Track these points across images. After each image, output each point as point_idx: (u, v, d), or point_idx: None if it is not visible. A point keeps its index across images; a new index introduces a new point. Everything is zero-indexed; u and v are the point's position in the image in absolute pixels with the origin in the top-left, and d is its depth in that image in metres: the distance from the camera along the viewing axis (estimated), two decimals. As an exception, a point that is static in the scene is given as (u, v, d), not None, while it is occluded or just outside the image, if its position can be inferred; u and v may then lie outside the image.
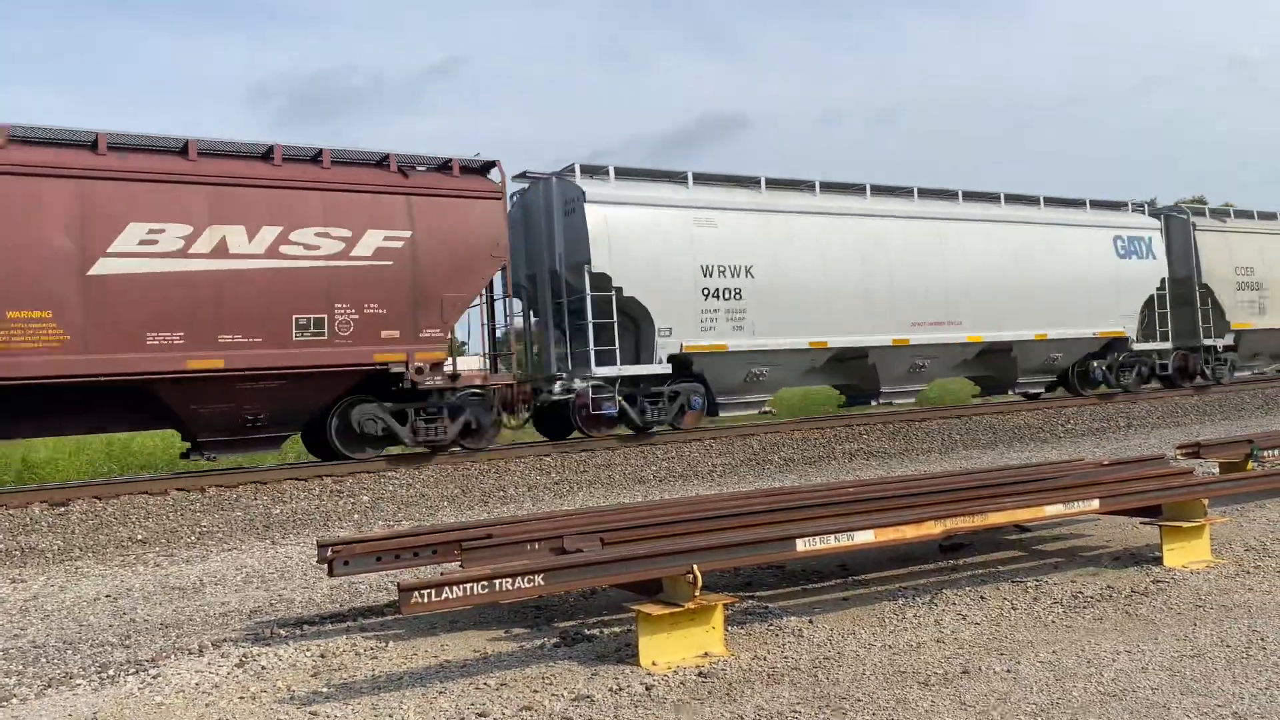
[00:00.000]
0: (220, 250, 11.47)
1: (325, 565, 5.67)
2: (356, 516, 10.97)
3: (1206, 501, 6.41)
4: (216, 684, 4.73)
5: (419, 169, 13.11)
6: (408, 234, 12.60)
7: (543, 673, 4.60)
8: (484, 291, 13.58)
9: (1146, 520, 6.49)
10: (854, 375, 17.07)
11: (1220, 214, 22.90)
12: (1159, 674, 4.21)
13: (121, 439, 17.59)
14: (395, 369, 12.45)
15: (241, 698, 4.50)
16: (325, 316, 12.07)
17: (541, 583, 4.60)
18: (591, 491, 12.21)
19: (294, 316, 11.88)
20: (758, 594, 6.01)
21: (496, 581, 4.49)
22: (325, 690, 4.52)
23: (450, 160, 13.18)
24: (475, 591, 4.44)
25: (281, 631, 5.75)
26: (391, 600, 6.18)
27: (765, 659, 4.67)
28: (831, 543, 5.21)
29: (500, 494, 12.07)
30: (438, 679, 4.60)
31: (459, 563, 5.70)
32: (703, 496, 9.25)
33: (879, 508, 6.14)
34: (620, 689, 4.31)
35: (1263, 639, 4.61)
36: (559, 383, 14.32)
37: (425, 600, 4.34)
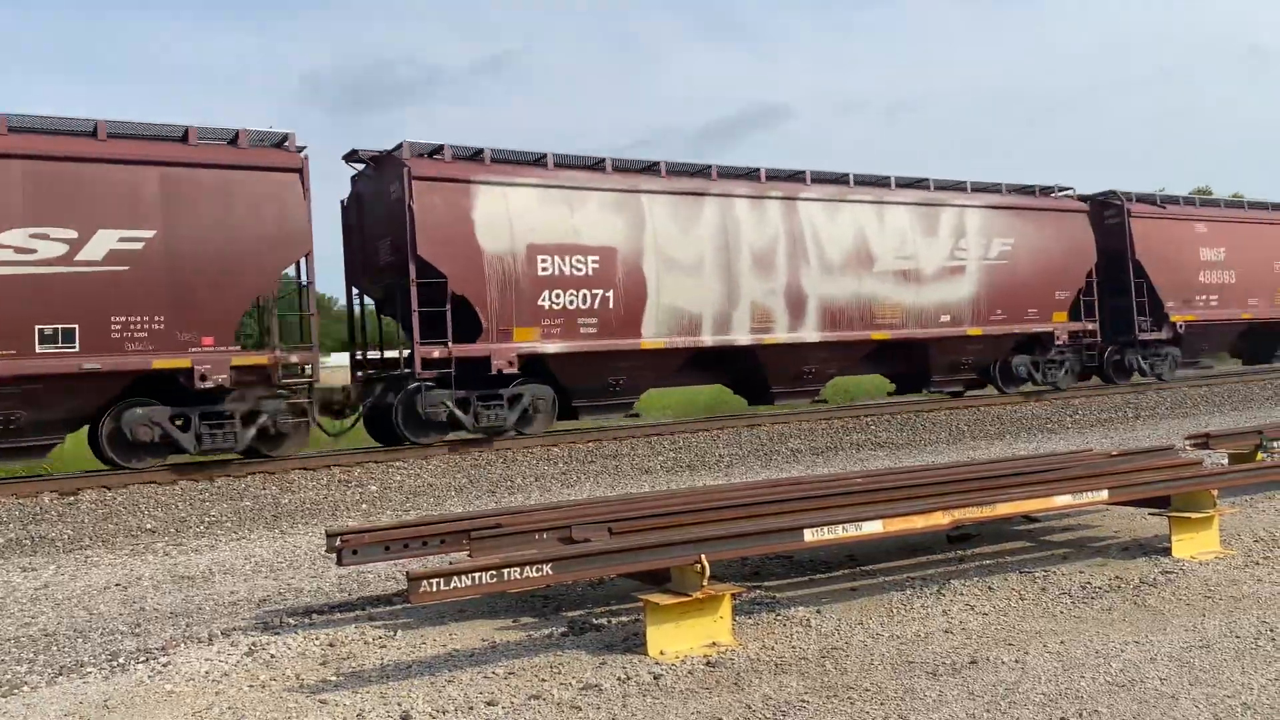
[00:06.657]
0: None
1: (334, 555, 5.70)
2: (365, 506, 11.00)
3: (1215, 492, 6.39)
4: (226, 672, 4.75)
5: None
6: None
7: (551, 661, 4.62)
8: None
9: (1155, 511, 6.47)
10: None
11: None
12: (1167, 665, 4.20)
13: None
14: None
15: (251, 686, 4.52)
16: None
17: (550, 572, 4.61)
18: (599, 481, 12.22)
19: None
20: (765, 584, 6.02)
21: (505, 571, 4.50)
22: (334, 679, 4.53)
23: None
24: (484, 581, 4.45)
25: (290, 620, 5.77)
26: (400, 589, 6.20)
27: (773, 649, 4.68)
28: (840, 533, 5.21)
29: (508, 484, 12.08)
30: (446, 668, 4.62)
31: (467, 552, 5.72)
32: (710, 487, 9.25)
33: (887, 498, 6.13)
34: (628, 678, 4.32)
35: (1272, 630, 4.60)
36: None
37: (434, 589, 4.36)
